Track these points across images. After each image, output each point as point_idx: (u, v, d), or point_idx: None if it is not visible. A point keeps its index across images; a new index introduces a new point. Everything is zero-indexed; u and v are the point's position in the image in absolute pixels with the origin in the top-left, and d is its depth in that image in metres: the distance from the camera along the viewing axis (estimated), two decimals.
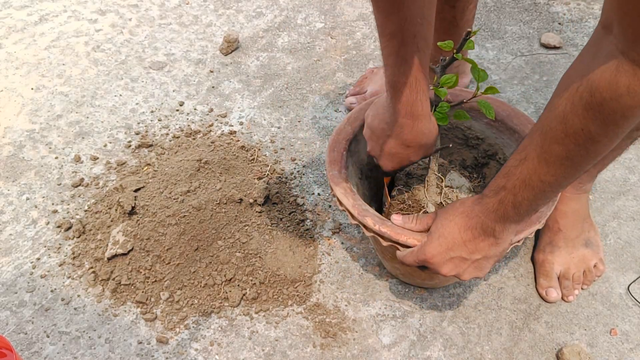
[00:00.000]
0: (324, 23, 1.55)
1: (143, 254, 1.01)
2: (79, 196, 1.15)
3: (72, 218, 1.11)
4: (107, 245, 1.03)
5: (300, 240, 1.07)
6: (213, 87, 1.38)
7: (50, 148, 1.24)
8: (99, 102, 1.34)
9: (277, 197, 1.12)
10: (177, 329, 0.97)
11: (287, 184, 1.17)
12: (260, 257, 1.03)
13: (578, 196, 1.03)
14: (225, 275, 1.01)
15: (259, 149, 1.23)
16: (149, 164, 1.19)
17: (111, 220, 1.07)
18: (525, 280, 1.04)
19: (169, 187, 1.08)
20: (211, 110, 1.32)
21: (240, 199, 1.07)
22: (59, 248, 1.07)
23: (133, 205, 1.04)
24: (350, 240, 1.09)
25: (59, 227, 1.10)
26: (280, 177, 1.18)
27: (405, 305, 1.01)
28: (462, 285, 1.03)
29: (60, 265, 1.05)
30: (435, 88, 0.86)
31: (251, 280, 1.01)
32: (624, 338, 0.97)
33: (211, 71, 1.42)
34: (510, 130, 0.99)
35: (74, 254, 1.06)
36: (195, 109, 1.33)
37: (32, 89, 1.37)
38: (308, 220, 1.11)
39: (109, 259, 1.02)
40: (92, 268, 1.03)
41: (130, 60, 1.45)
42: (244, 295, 1.00)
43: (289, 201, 1.13)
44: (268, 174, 1.16)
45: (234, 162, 1.15)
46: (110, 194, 1.13)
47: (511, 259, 1.07)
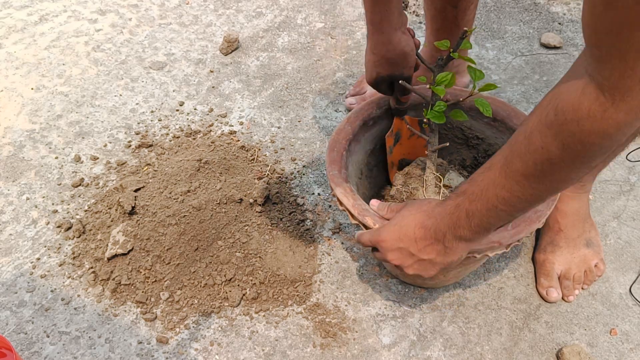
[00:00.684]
0: (324, 23, 1.55)
1: (143, 254, 1.01)
2: (79, 196, 1.15)
3: (72, 218, 1.11)
4: (107, 245, 1.03)
5: (300, 240, 1.07)
6: (213, 87, 1.38)
7: (50, 148, 1.24)
8: (99, 102, 1.34)
9: (277, 197, 1.12)
10: (177, 329, 0.97)
11: (287, 184, 1.17)
12: (260, 257, 1.03)
13: (579, 196, 1.03)
14: (225, 275, 1.01)
15: (259, 149, 1.23)
16: (149, 164, 1.19)
17: (111, 220, 1.07)
18: (525, 280, 1.04)
19: (169, 187, 1.08)
20: (211, 110, 1.32)
21: (240, 199, 1.07)
22: (59, 248, 1.07)
23: (133, 205, 1.04)
24: (350, 240, 1.09)
25: (59, 227, 1.10)
26: (280, 177, 1.18)
27: (405, 305, 1.01)
28: (462, 285, 1.03)
29: (60, 265, 1.05)
30: (432, 87, 0.87)
31: (251, 280, 1.01)
32: (624, 338, 0.97)
33: (211, 71, 1.42)
34: (511, 130, 0.99)
35: (74, 254, 1.06)
36: (195, 109, 1.33)
37: (32, 89, 1.37)
38: (308, 220, 1.11)
39: (109, 259, 1.02)
40: (92, 268, 1.03)
41: (130, 60, 1.45)
42: (244, 295, 1.00)
43: (289, 201, 1.13)
44: (268, 174, 1.16)
45: (234, 162, 1.15)
46: (110, 194, 1.13)
47: (511, 259, 1.07)
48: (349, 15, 1.58)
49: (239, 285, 1.01)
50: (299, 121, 1.31)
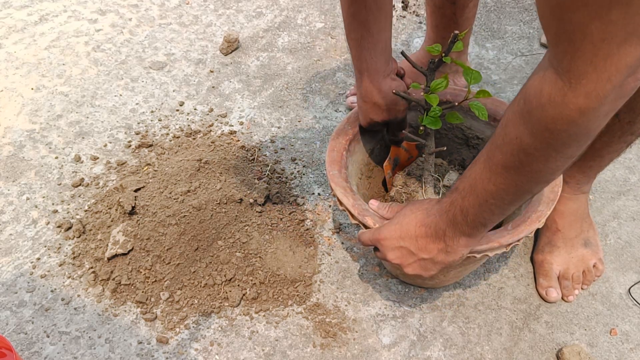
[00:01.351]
0: (324, 23, 1.55)
1: (143, 254, 1.01)
2: (79, 196, 1.15)
3: (72, 218, 1.11)
4: (107, 245, 1.03)
5: (300, 240, 1.07)
6: (213, 87, 1.38)
7: (50, 148, 1.24)
8: (99, 102, 1.34)
9: (277, 197, 1.12)
10: (177, 329, 0.97)
11: (287, 184, 1.17)
12: (260, 257, 1.03)
13: (576, 196, 1.03)
14: (225, 275, 1.01)
15: (259, 149, 1.23)
16: (149, 164, 1.19)
17: (111, 220, 1.07)
18: (525, 280, 1.04)
19: (169, 187, 1.08)
20: (211, 110, 1.32)
21: (240, 199, 1.07)
22: (59, 248, 1.07)
23: (133, 205, 1.04)
24: (350, 240, 1.09)
25: (59, 227, 1.10)
26: (280, 177, 1.18)
27: (405, 305, 1.01)
28: (462, 285, 1.03)
29: (60, 265, 1.05)
30: (426, 95, 0.87)
31: (251, 280, 1.01)
32: (624, 338, 0.97)
33: (211, 71, 1.42)
34: None
35: (74, 254, 1.06)
36: (195, 109, 1.33)
37: (32, 89, 1.37)
38: (308, 220, 1.11)
39: (109, 259, 1.02)
40: (92, 268, 1.03)
41: (130, 60, 1.45)
42: (244, 295, 1.00)
43: (289, 201, 1.13)
44: (268, 174, 1.16)
45: (234, 162, 1.15)
46: (110, 194, 1.13)
47: (511, 259, 1.07)
48: None
49: (239, 285, 1.01)
50: (299, 121, 1.31)
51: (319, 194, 1.16)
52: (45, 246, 1.08)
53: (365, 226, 0.86)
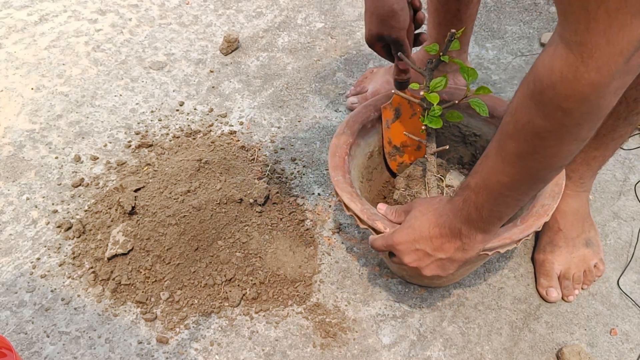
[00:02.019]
0: (324, 23, 1.55)
1: (143, 254, 1.01)
2: (79, 196, 1.15)
3: (72, 218, 1.12)
4: (107, 245, 1.03)
5: (300, 240, 1.07)
6: (213, 87, 1.38)
7: (50, 148, 1.24)
8: (99, 102, 1.34)
9: (277, 197, 1.12)
10: (177, 329, 0.97)
11: (287, 184, 1.17)
12: (260, 257, 1.03)
13: (578, 195, 1.03)
14: (225, 275, 1.01)
15: (259, 149, 1.23)
16: (149, 164, 1.19)
17: (111, 220, 1.07)
18: (525, 280, 1.04)
19: (169, 187, 1.08)
20: (211, 110, 1.32)
21: (240, 199, 1.07)
22: (59, 248, 1.07)
23: (133, 205, 1.04)
24: (350, 240, 1.09)
25: (59, 227, 1.10)
26: (280, 177, 1.18)
27: (405, 305, 1.01)
28: (462, 285, 1.03)
29: (60, 265, 1.05)
30: (426, 94, 0.87)
31: (251, 280, 1.01)
32: (624, 338, 0.97)
33: (211, 71, 1.42)
34: None
35: (74, 254, 1.06)
36: (195, 109, 1.33)
37: (32, 89, 1.37)
38: (308, 220, 1.11)
39: (109, 259, 1.02)
40: (92, 268, 1.03)
41: (130, 60, 1.45)
42: (244, 295, 1.00)
43: (289, 201, 1.13)
44: (268, 174, 1.16)
45: (234, 162, 1.15)
46: (110, 194, 1.13)
47: (511, 259, 1.07)
48: (349, 15, 1.58)
49: (239, 285, 1.01)
50: (299, 121, 1.31)
51: (319, 194, 1.16)
52: (45, 246, 1.08)
53: (376, 230, 0.85)
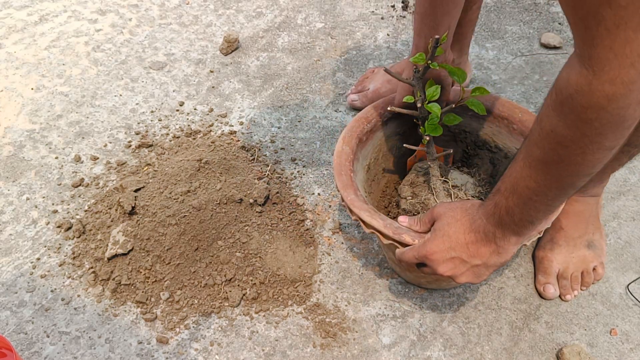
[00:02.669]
0: (324, 23, 1.55)
1: (143, 254, 1.01)
2: (79, 196, 1.15)
3: (72, 218, 1.11)
4: (107, 245, 1.03)
5: (300, 240, 1.07)
6: (213, 87, 1.38)
7: (50, 148, 1.24)
8: (99, 102, 1.34)
9: (277, 197, 1.12)
10: (177, 329, 0.97)
11: (287, 184, 1.17)
12: (260, 257, 1.03)
13: (583, 199, 1.02)
14: (225, 275, 1.01)
15: (259, 149, 1.23)
16: (149, 164, 1.19)
17: (111, 220, 1.07)
18: (525, 280, 1.04)
19: (169, 187, 1.08)
20: (211, 110, 1.32)
21: (240, 199, 1.07)
22: (59, 248, 1.07)
23: (133, 205, 1.04)
24: (350, 240, 1.09)
25: (59, 227, 1.10)
26: (280, 177, 1.18)
27: (405, 305, 1.01)
28: (462, 285, 1.03)
29: (60, 265, 1.05)
30: (426, 105, 0.87)
31: (251, 280, 1.01)
32: (624, 338, 0.97)
33: (211, 71, 1.42)
34: (498, 118, 0.99)
35: (74, 254, 1.06)
36: (195, 109, 1.33)
37: (32, 89, 1.37)
38: (308, 220, 1.11)
39: (109, 259, 1.02)
40: (92, 268, 1.03)
41: (130, 60, 1.45)
42: (244, 295, 1.00)
43: (289, 201, 1.13)
44: (268, 174, 1.16)
45: (234, 162, 1.15)
46: (110, 194, 1.13)
47: (511, 259, 1.07)
48: (349, 15, 1.58)
49: (239, 285, 1.01)
50: (299, 121, 1.31)
51: (319, 194, 1.16)
52: (45, 246, 1.08)
53: (402, 244, 0.83)
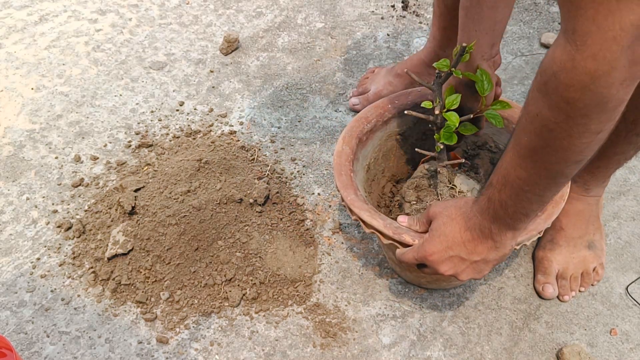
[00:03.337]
0: (324, 23, 1.55)
1: (143, 254, 1.01)
2: (79, 196, 1.15)
3: (72, 218, 1.12)
4: (107, 245, 1.03)
5: (300, 240, 1.07)
6: (213, 87, 1.38)
7: (50, 148, 1.24)
8: (99, 102, 1.34)
9: (277, 197, 1.12)
10: (177, 329, 0.97)
11: (287, 184, 1.17)
12: (260, 257, 1.03)
13: (584, 198, 1.02)
14: (225, 275, 1.01)
15: (259, 149, 1.23)
16: (149, 164, 1.19)
17: (111, 220, 1.07)
18: (525, 280, 1.04)
19: (169, 187, 1.08)
20: (211, 110, 1.32)
21: (240, 199, 1.07)
22: (59, 248, 1.07)
23: (133, 205, 1.04)
24: (350, 240, 1.09)
25: (59, 227, 1.10)
26: (280, 177, 1.18)
27: (405, 305, 1.01)
28: (462, 285, 1.03)
29: (60, 265, 1.05)
30: (445, 114, 0.87)
31: (251, 280, 1.01)
32: (624, 338, 0.97)
33: (211, 71, 1.42)
34: None
35: (74, 254, 1.06)
36: (195, 109, 1.33)
37: (32, 89, 1.37)
38: (308, 220, 1.11)
39: (109, 259, 1.02)
40: (92, 268, 1.03)
41: (130, 60, 1.45)
42: (244, 295, 1.00)
43: (289, 201, 1.13)
44: (268, 174, 1.16)
45: (234, 162, 1.15)
46: (110, 194, 1.13)
47: (511, 259, 1.07)
48: (349, 15, 1.58)
49: (239, 285, 1.01)
50: (299, 121, 1.31)
51: (319, 194, 1.16)
52: (45, 246, 1.08)
53: (402, 244, 0.83)
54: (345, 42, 1.50)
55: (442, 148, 0.91)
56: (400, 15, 1.57)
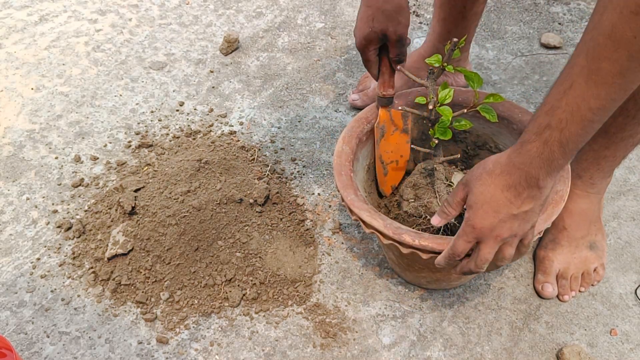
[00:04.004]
0: (324, 23, 1.55)
1: (143, 254, 1.01)
2: (79, 196, 1.15)
3: (72, 218, 1.12)
4: (107, 245, 1.03)
5: (300, 240, 1.07)
6: (213, 87, 1.38)
7: (50, 148, 1.24)
8: (99, 102, 1.34)
9: (277, 197, 1.12)
10: (177, 329, 0.97)
11: (287, 184, 1.17)
12: (260, 257, 1.03)
13: (588, 195, 1.02)
14: (225, 276, 1.01)
15: (259, 149, 1.23)
16: (149, 164, 1.19)
17: (111, 220, 1.07)
18: (525, 281, 1.04)
19: (169, 187, 1.08)
20: (211, 110, 1.32)
21: (240, 199, 1.07)
22: (59, 248, 1.07)
23: (133, 205, 1.04)
24: (350, 240, 1.09)
25: (59, 227, 1.10)
26: (280, 177, 1.18)
27: (405, 305, 1.01)
28: (462, 285, 1.03)
29: (60, 265, 1.05)
30: (438, 108, 0.86)
31: (251, 280, 1.01)
32: (624, 338, 0.97)
33: (211, 71, 1.42)
34: (499, 118, 0.98)
35: (74, 254, 1.06)
36: (195, 109, 1.33)
37: (32, 89, 1.37)
38: (308, 220, 1.11)
39: (109, 259, 1.02)
40: (92, 268, 1.03)
41: (130, 60, 1.45)
42: (244, 295, 1.00)
43: (289, 201, 1.13)
44: (268, 174, 1.16)
45: (234, 162, 1.15)
46: (110, 194, 1.13)
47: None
48: (349, 15, 1.58)
49: (239, 285, 1.01)
50: (299, 121, 1.31)
51: (319, 194, 1.16)
52: (45, 246, 1.08)
53: (402, 244, 0.83)
54: (345, 42, 1.50)
55: (437, 143, 0.91)
56: None
